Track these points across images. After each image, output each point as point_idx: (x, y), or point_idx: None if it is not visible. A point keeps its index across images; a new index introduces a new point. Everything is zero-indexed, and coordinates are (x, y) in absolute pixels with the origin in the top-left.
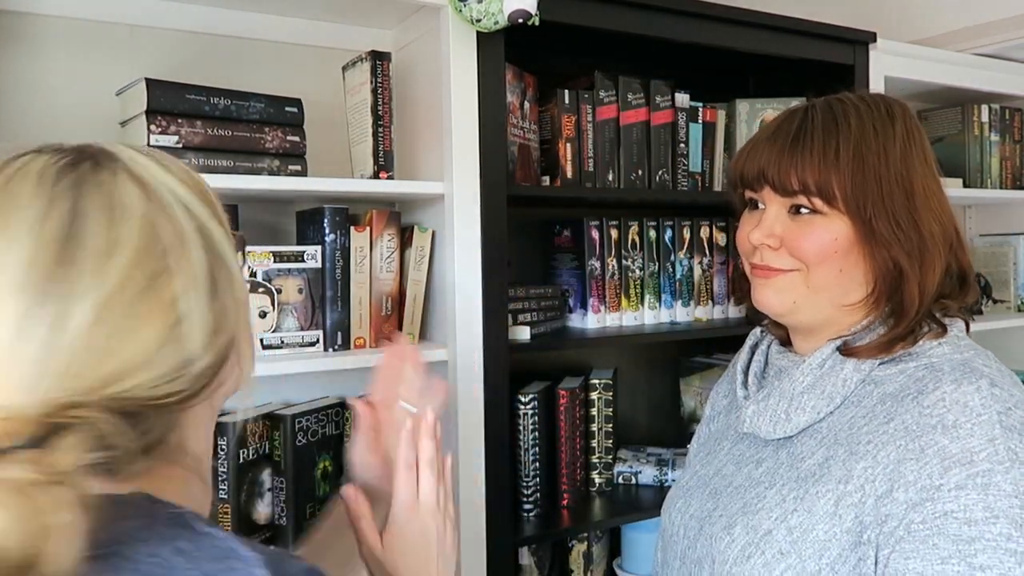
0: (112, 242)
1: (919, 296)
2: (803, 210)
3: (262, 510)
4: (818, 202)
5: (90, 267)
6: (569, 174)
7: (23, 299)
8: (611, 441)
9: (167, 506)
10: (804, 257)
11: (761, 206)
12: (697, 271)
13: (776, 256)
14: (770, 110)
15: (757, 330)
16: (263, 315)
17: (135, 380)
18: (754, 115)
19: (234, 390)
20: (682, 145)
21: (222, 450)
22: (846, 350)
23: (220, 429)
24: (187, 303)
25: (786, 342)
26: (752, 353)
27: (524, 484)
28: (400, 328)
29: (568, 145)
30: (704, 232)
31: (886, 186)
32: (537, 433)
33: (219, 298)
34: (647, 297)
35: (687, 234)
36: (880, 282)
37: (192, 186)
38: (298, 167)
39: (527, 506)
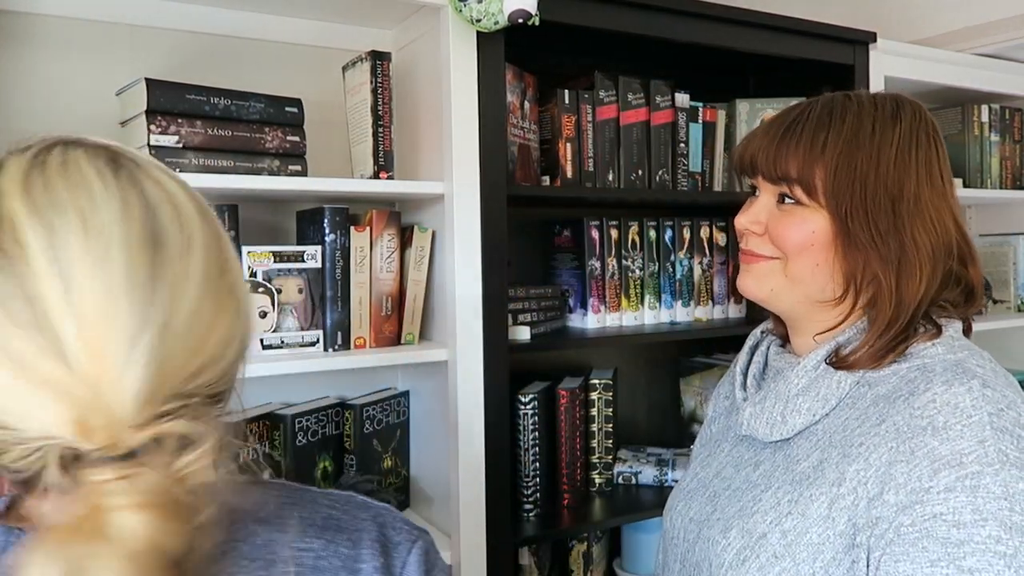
0: (187, 238)
1: (893, 307)
2: (787, 200)
3: None
4: (799, 192)
5: (178, 265)
6: (569, 174)
7: (134, 300)
8: (611, 441)
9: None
10: (782, 246)
11: (758, 193)
12: (697, 271)
13: (760, 243)
14: (770, 110)
15: (757, 331)
16: (263, 315)
17: (212, 373)
18: (754, 115)
19: None
20: (682, 145)
21: None
22: (837, 362)
23: None
24: (242, 292)
25: (786, 341)
26: (752, 354)
27: (524, 484)
28: (400, 328)
29: (568, 145)
30: (704, 232)
31: (871, 188)
32: (537, 433)
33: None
34: (647, 297)
35: (687, 234)
36: (852, 285)
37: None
38: (298, 167)
39: (527, 506)
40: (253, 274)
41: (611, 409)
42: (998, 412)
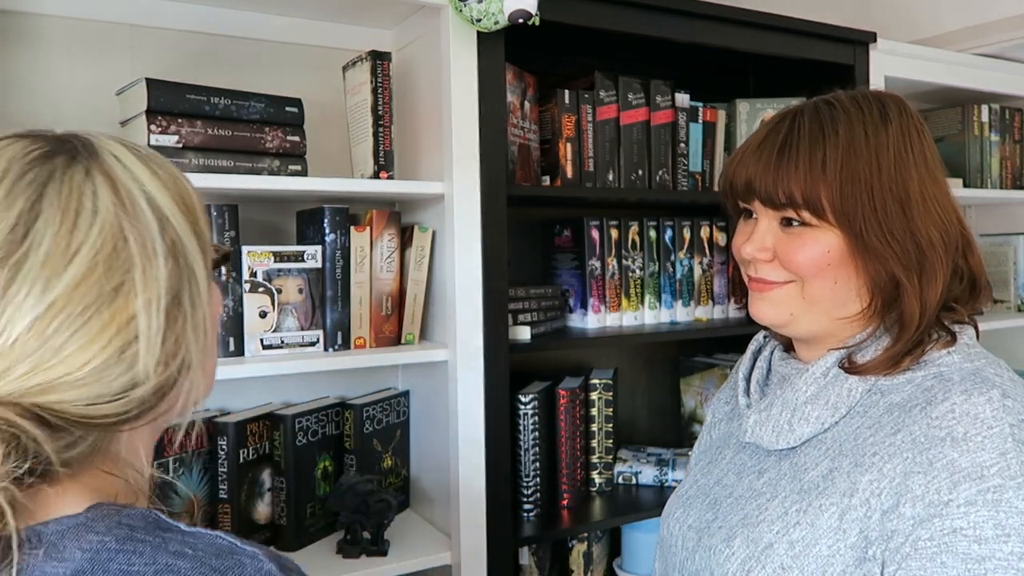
0: (68, 248)
1: (920, 309)
2: (794, 223)
3: (262, 510)
4: (807, 215)
5: (41, 273)
6: (569, 174)
7: None
8: (611, 441)
9: (134, 510)
10: (797, 270)
11: (754, 216)
12: (697, 271)
13: (770, 269)
14: (770, 110)
15: (760, 335)
16: (263, 315)
17: (70, 395)
18: (754, 115)
19: (182, 413)
20: (682, 145)
21: (222, 450)
22: (851, 367)
23: (220, 429)
24: (144, 323)
25: (790, 347)
26: (754, 360)
27: (524, 484)
28: (400, 328)
29: (568, 145)
30: (704, 232)
31: (878, 197)
32: (537, 433)
33: (179, 322)
34: (647, 297)
35: (687, 234)
36: (877, 295)
37: (175, 193)
38: (298, 167)
39: (527, 506)
40: (253, 274)
41: (611, 409)
42: (1019, 423)
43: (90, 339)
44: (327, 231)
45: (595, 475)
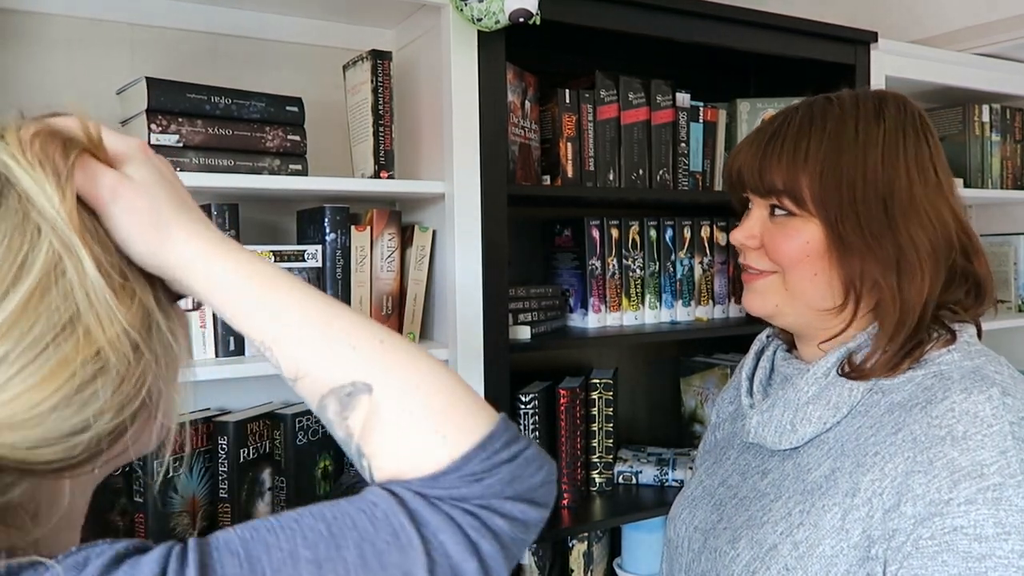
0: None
1: (898, 309)
2: (779, 211)
3: (262, 509)
4: (789, 203)
5: None
6: (570, 174)
7: None
8: (611, 441)
9: None
10: (778, 259)
11: (751, 207)
12: (697, 271)
13: (757, 257)
14: (771, 110)
15: (763, 335)
16: None
17: (9, 438)
18: (755, 115)
19: (137, 454)
20: (683, 145)
21: (222, 449)
22: (850, 371)
23: (220, 429)
24: (100, 363)
25: (793, 346)
26: (757, 359)
27: None
28: (400, 327)
29: (569, 145)
30: (704, 232)
31: (859, 191)
32: (537, 433)
33: (141, 360)
34: (647, 297)
35: (687, 234)
36: (851, 291)
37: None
38: (299, 166)
39: None
40: None
41: (611, 409)
42: (1019, 421)
43: (43, 378)
44: (327, 230)
45: (595, 475)
